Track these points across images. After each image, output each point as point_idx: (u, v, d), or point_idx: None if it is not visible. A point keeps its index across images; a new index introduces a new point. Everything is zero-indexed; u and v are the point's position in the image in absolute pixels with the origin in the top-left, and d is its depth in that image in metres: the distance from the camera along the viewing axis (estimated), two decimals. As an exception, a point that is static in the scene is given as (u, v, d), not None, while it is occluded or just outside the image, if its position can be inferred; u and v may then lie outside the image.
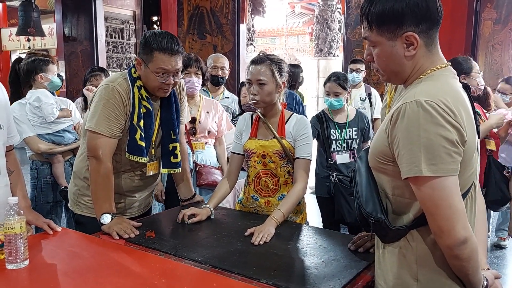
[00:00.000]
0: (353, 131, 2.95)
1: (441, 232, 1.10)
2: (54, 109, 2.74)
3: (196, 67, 2.79)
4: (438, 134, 1.05)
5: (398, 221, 1.21)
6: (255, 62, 1.98)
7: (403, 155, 1.10)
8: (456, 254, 1.11)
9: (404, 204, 1.20)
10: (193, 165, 2.79)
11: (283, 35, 17.75)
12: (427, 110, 1.06)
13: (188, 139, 2.82)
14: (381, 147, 1.18)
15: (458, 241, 1.09)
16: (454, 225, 1.08)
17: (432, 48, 1.18)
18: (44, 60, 2.83)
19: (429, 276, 1.18)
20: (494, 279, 1.26)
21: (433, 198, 1.08)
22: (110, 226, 1.75)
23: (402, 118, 1.09)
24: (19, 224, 1.37)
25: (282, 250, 1.63)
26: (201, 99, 2.91)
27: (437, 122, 1.06)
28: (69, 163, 2.91)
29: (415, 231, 1.19)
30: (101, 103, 1.84)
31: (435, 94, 1.09)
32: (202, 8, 6.02)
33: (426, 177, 1.07)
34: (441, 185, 1.07)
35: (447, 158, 1.06)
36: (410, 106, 1.08)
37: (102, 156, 1.82)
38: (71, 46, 7.13)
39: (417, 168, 1.07)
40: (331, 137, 2.94)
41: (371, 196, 1.22)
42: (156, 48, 1.80)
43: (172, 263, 1.47)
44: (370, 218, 1.19)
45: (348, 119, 2.99)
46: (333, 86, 2.91)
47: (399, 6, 1.12)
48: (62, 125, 2.83)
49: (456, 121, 1.07)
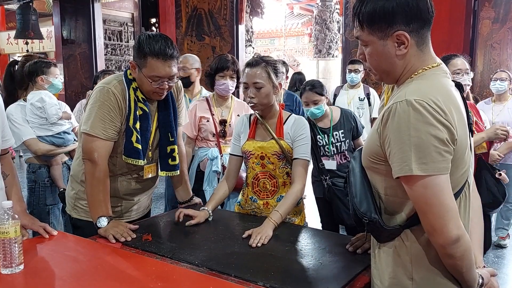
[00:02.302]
0: (340, 134, 2.87)
1: (433, 231, 1.10)
2: (58, 110, 2.74)
3: (233, 70, 2.77)
4: (428, 133, 1.06)
5: (391, 220, 1.22)
6: (250, 64, 1.97)
7: (394, 154, 1.11)
8: (450, 253, 1.11)
9: (397, 204, 1.20)
10: (221, 168, 2.77)
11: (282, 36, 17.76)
12: (417, 109, 1.06)
13: (217, 141, 2.81)
14: (373, 147, 1.19)
15: (451, 240, 1.09)
16: (447, 223, 1.08)
17: (424, 48, 1.19)
18: (46, 62, 2.83)
19: (424, 275, 1.19)
20: (489, 277, 1.26)
21: (425, 196, 1.09)
22: (107, 229, 1.73)
23: (393, 117, 1.10)
24: (13, 228, 1.36)
25: (280, 252, 1.61)
26: (233, 101, 2.90)
27: (427, 121, 1.06)
28: (66, 166, 2.90)
29: (409, 231, 1.19)
30: (96, 105, 1.83)
31: (425, 93, 1.09)
32: (200, 9, 6.01)
33: (417, 176, 1.08)
34: (432, 183, 1.08)
35: (438, 157, 1.07)
36: (401, 105, 1.09)
37: (97, 159, 1.81)
38: (69, 48, 7.13)
39: (407, 167, 1.08)
40: (317, 143, 2.89)
41: (365, 196, 1.22)
42: (149, 53, 1.77)
43: (169, 266, 1.46)
44: (364, 218, 1.20)
45: (332, 123, 2.90)
46: (310, 95, 2.82)
47: (389, 5, 1.13)
48: (63, 127, 2.83)
49: (447, 120, 1.07)
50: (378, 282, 1.27)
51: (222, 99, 2.85)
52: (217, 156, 2.79)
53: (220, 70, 2.77)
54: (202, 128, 2.82)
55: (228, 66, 2.76)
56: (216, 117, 2.82)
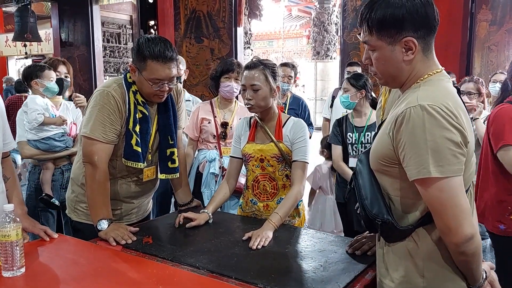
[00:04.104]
0: (372, 135, 2.85)
1: (448, 231, 1.14)
2: (38, 115, 2.69)
3: (238, 73, 2.78)
4: (443, 136, 1.10)
5: (403, 221, 1.25)
6: (248, 67, 1.99)
7: (410, 158, 1.14)
8: (463, 251, 1.15)
9: (408, 205, 1.23)
10: (220, 170, 2.78)
11: (280, 38, 17.81)
12: (432, 114, 1.10)
13: (217, 143, 2.82)
14: (385, 150, 1.22)
15: (465, 238, 1.13)
16: (462, 223, 1.12)
17: (428, 54, 1.23)
18: (40, 66, 2.81)
19: (435, 272, 1.22)
20: (490, 270, 1.30)
21: (440, 198, 1.13)
22: (107, 232, 1.74)
23: (407, 122, 1.13)
24: (15, 232, 1.36)
25: (280, 254, 1.62)
26: (236, 105, 2.91)
27: (442, 125, 1.10)
28: (60, 170, 2.86)
29: (421, 229, 1.23)
30: (96, 108, 1.83)
31: (437, 99, 1.13)
32: (199, 12, 6.02)
33: (434, 178, 1.11)
34: (448, 185, 1.11)
35: (453, 159, 1.11)
36: (415, 110, 1.12)
37: (97, 162, 1.81)
38: (67, 51, 7.12)
39: (425, 170, 1.11)
40: (347, 141, 2.89)
41: (376, 198, 1.25)
42: (149, 56, 1.78)
43: (170, 269, 1.47)
44: (377, 220, 1.22)
45: (368, 122, 2.91)
46: (344, 82, 2.92)
47: (399, 12, 1.17)
48: (49, 132, 2.76)
49: (459, 123, 1.12)
50: (387, 281, 1.29)
51: (226, 102, 2.86)
52: (215, 158, 2.79)
53: (225, 72, 2.79)
54: (203, 130, 2.83)
55: (233, 69, 2.78)
56: (218, 119, 2.83)
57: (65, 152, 2.83)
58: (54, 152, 2.79)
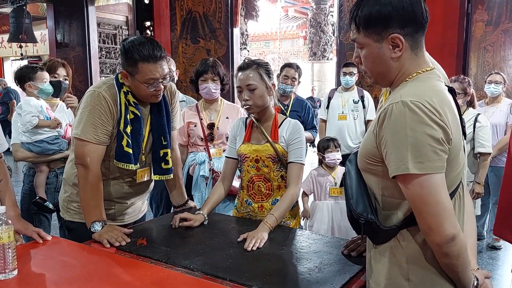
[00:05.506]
0: None
1: (429, 230, 1.11)
2: (32, 118, 2.67)
3: (212, 73, 2.78)
4: (424, 132, 1.08)
5: (388, 221, 1.23)
6: (241, 68, 1.98)
7: (390, 154, 1.12)
8: (445, 252, 1.12)
9: (393, 204, 1.21)
10: (210, 173, 2.77)
11: (276, 39, 17.82)
12: (413, 110, 1.09)
13: (205, 145, 2.80)
14: (370, 148, 1.21)
15: (446, 238, 1.10)
16: (443, 222, 1.10)
17: (418, 52, 1.22)
18: (33, 67, 2.79)
19: (420, 275, 1.19)
20: (484, 279, 1.27)
21: (421, 195, 1.10)
22: (101, 234, 1.73)
23: (389, 118, 1.12)
24: (7, 234, 1.35)
25: (275, 255, 1.61)
26: (222, 104, 2.90)
27: (423, 121, 1.08)
28: (54, 173, 2.84)
29: (405, 231, 1.20)
30: (87, 109, 1.82)
31: (420, 95, 1.12)
32: (195, 12, 6.01)
33: (413, 174, 1.09)
34: (428, 182, 1.09)
35: (434, 156, 1.09)
36: (397, 106, 1.11)
37: (90, 163, 1.80)
38: (63, 52, 7.10)
39: (404, 166, 1.09)
40: None
41: (361, 197, 1.24)
42: (139, 58, 1.77)
43: (164, 271, 1.46)
44: (360, 219, 1.21)
45: None
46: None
47: (385, 9, 1.17)
48: (42, 135, 2.74)
49: (441, 120, 1.10)
50: (373, 283, 1.28)
51: (210, 103, 2.85)
52: (204, 161, 2.78)
53: (201, 74, 2.80)
54: (191, 134, 2.84)
55: (207, 70, 2.78)
56: (205, 121, 2.82)
57: (59, 155, 2.81)
58: (48, 155, 2.77)
